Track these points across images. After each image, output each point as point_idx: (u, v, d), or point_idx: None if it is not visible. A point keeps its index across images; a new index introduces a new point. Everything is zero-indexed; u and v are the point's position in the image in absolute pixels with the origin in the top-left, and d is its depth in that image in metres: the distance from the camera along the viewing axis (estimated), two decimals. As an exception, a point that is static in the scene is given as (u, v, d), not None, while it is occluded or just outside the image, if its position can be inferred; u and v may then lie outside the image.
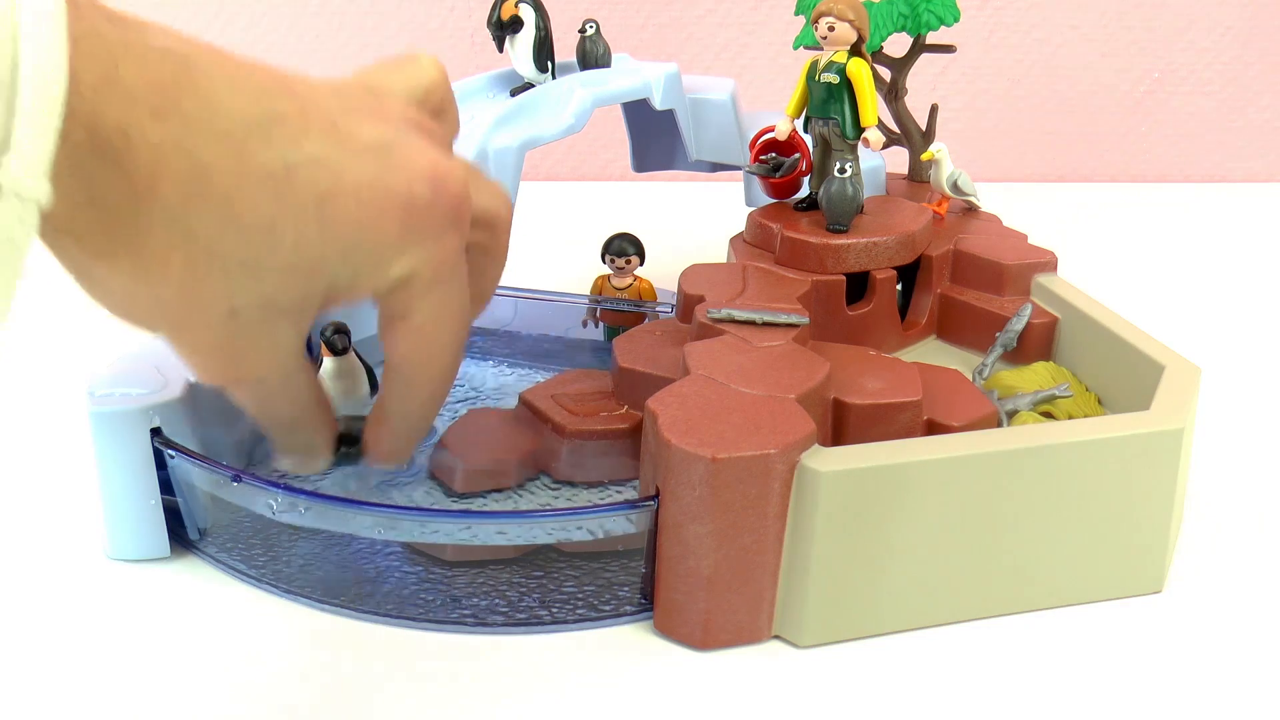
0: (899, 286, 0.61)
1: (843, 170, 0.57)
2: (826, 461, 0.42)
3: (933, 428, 0.48)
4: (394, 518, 0.44)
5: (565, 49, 0.65)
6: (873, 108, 0.57)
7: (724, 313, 0.52)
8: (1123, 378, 0.53)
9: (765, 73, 1.07)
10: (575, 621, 0.44)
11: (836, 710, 0.40)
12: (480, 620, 0.44)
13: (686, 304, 0.55)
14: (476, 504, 0.50)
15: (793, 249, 0.58)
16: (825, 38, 0.57)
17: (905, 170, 0.75)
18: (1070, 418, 0.52)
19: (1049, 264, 0.62)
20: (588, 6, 1.01)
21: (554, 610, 0.44)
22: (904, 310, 0.62)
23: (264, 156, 0.30)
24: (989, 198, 0.70)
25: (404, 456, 0.40)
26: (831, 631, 0.44)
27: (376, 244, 0.33)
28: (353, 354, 0.54)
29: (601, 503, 0.50)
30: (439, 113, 0.38)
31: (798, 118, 0.60)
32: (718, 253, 0.64)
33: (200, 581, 0.46)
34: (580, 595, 0.45)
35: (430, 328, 0.36)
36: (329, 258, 0.32)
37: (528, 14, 0.60)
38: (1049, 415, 0.53)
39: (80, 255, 0.30)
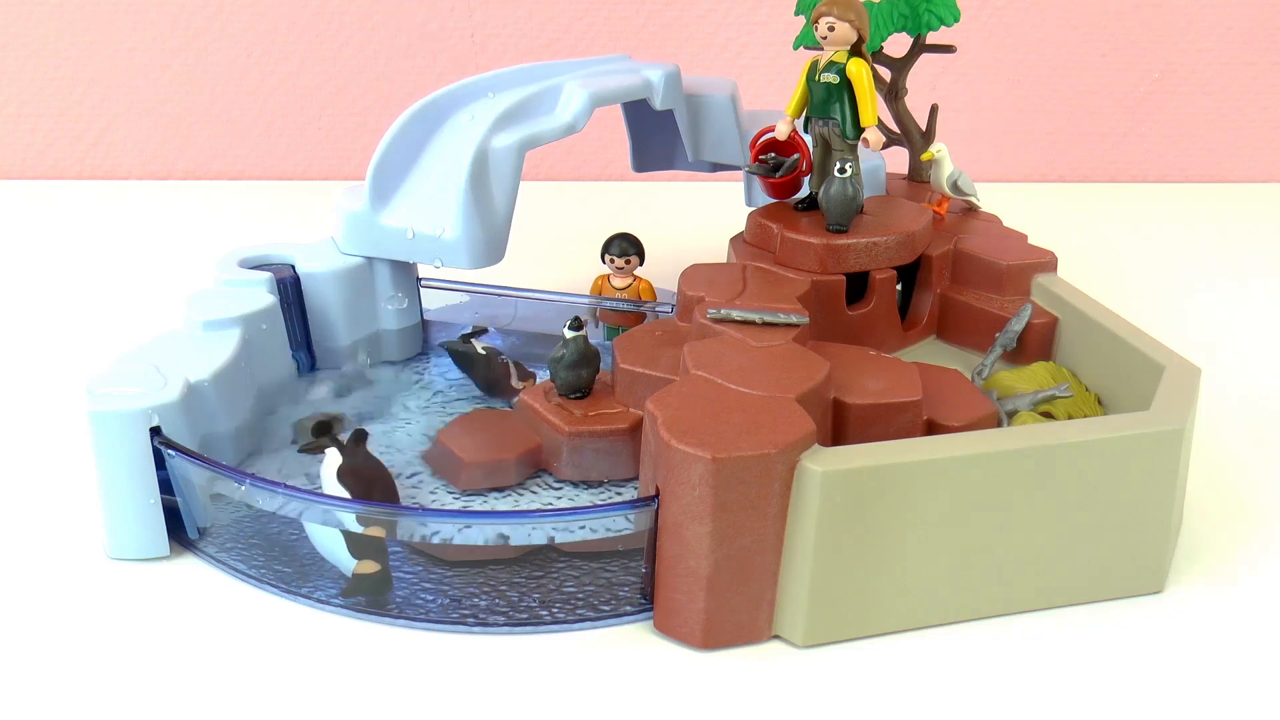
0: (899, 286, 0.61)
1: (843, 170, 0.57)
2: (826, 461, 0.42)
3: (933, 428, 0.48)
4: (395, 517, 0.44)
5: (564, 49, 0.65)
6: (873, 108, 0.57)
7: (724, 313, 0.52)
8: (1123, 378, 0.53)
9: (765, 73, 1.07)
10: (575, 621, 0.44)
11: (836, 710, 0.40)
12: (480, 620, 0.44)
13: (686, 304, 0.55)
14: (476, 503, 0.50)
15: (793, 249, 0.58)
16: (825, 38, 0.57)
17: (905, 170, 0.75)
18: (1070, 418, 0.52)
19: (1049, 264, 0.62)
20: (589, 6, 1.01)
21: (554, 610, 0.44)
22: (904, 310, 0.62)
23: None
24: (989, 198, 0.70)
25: None
26: (831, 631, 0.44)
27: None
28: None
29: (601, 503, 0.50)
30: None
31: (798, 118, 0.60)
32: (718, 253, 0.64)
33: (200, 581, 0.46)
34: (580, 595, 0.45)
35: None
36: None
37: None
38: (1049, 415, 0.53)
39: None
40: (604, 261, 0.63)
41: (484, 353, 0.59)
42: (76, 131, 1.08)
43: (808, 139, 0.61)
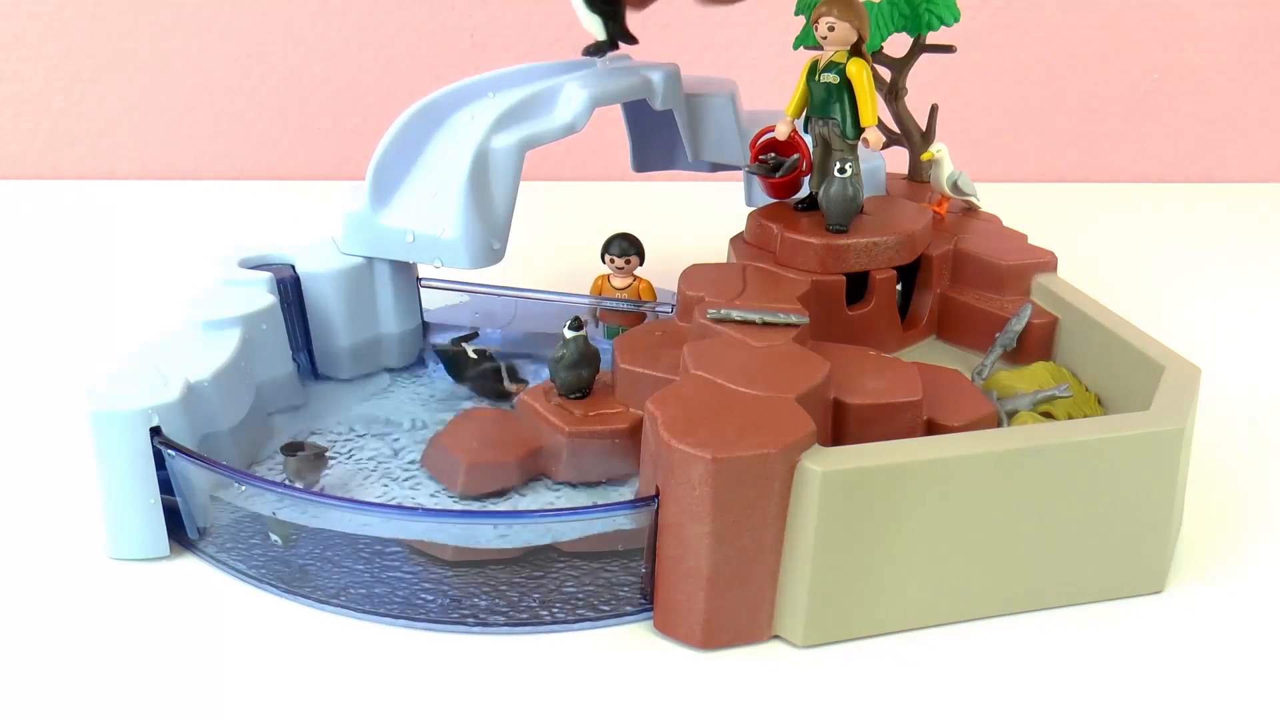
0: (899, 286, 0.61)
1: (843, 170, 0.57)
2: (826, 461, 0.42)
3: (933, 428, 0.48)
4: (398, 518, 0.44)
5: (564, 49, 0.65)
6: (872, 108, 0.57)
7: (724, 313, 0.52)
8: (1123, 378, 0.53)
9: (765, 73, 1.07)
10: (575, 621, 0.44)
11: (836, 710, 0.40)
12: (480, 620, 0.44)
13: (686, 304, 0.55)
14: (475, 504, 0.50)
15: (793, 249, 0.58)
16: (825, 38, 0.57)
17: (905, 170, 0.75)
18: (1070, 418, 0.52)
19: (1049, 264, 0.62)
20: (588, 6, 1.01)
21: (554, 610, 0.44)
22: (904, 310, 0.62)
23: None
24: (989, 198, 0.70)
25: None
26: (831, 631, 0.44)
27: None
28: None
29: (601, 503, 0.50)
30: None
31: (798, 118, 0.60)
32: (718, 253, 0.64)
33: (200, 581, 0.46)
34: (580, 595, 0.45)
35: None
36: None
37: None
38: (1049, 415, 0.53)
39: None
40: (604, 261, 0.63)
41: (474, 356, 0.59)
42: (76, 131, 1.08)
43: (808, 139, 0.61)
